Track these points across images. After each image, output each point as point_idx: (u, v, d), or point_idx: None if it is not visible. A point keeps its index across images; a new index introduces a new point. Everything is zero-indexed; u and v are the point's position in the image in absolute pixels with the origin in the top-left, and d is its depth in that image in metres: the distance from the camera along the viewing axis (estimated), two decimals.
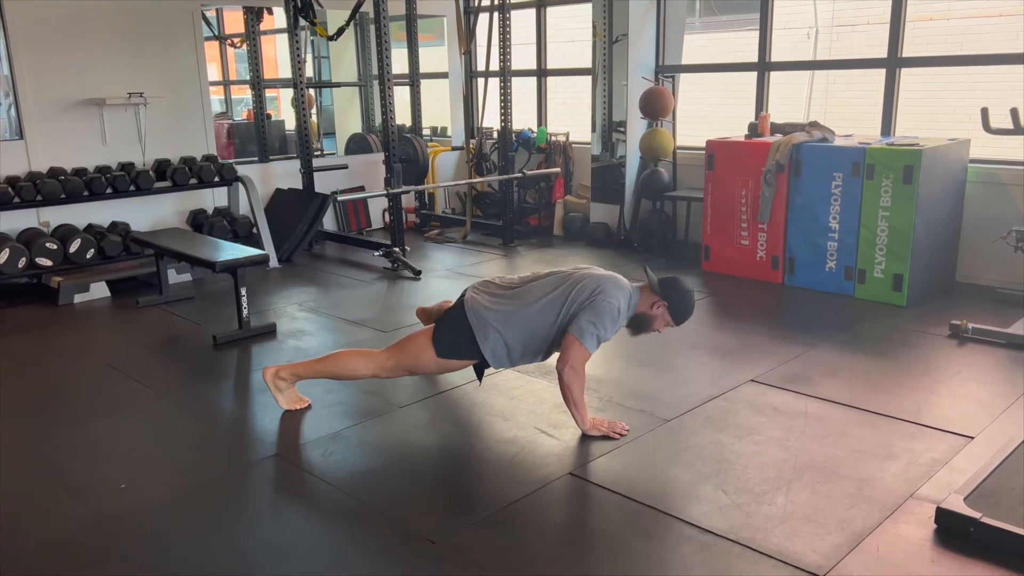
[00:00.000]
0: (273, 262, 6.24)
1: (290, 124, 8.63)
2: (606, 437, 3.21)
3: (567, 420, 3.32)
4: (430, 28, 8.83)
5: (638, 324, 3.29)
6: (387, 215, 7.74)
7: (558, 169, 7.13)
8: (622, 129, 6.73)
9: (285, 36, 7.36)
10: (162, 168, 6.07)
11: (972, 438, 3.15)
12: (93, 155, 5.94)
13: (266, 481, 2.96)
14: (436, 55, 8.48)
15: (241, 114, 10.34)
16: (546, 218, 7.42)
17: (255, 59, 6.95)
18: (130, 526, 2.65)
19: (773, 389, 3.68)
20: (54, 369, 4.17)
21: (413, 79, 7.43)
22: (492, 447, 3.23)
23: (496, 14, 6.55)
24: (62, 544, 2.56)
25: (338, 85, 8.20)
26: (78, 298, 5.36)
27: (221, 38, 7.30)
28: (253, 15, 6.92)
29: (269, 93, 9.82)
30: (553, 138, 7.42)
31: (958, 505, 2.53)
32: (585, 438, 3.23)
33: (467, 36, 7.11)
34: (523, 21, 7.75)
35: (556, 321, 3.20)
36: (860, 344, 4.29)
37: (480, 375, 3.46)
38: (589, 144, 7.12)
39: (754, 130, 5.79)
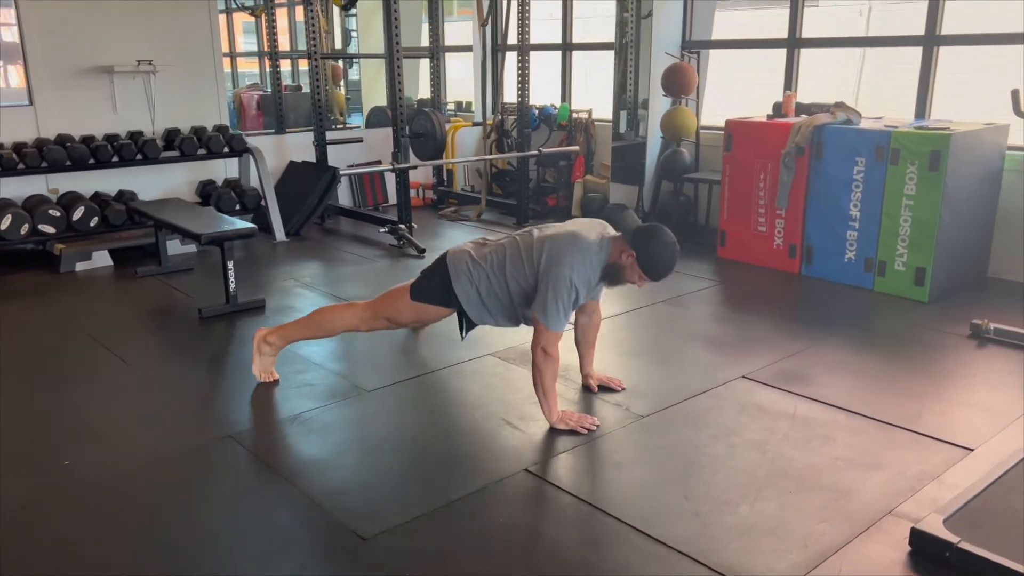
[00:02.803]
0: (280, 235, 6.16)
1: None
2: (573, 432, 3.03)
3: (537, 412, 3.14)
4: (468, 2, 8.63)
5: (610, 275, 3.03)
6: None
7: (577, 147, 6.90)
8: (647, 108, 6.46)
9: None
10: (171, 137, 6.02)
11: (971, 451, 2.89)
12: (103, 123, 5.91)
13: (210, 465, 2.85)
14: (469, 29, 8.28)
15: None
16: (564, 198, 7.20)
17: (271, 30, 6.84)
18: (64, 506, 2.58)
19: (764, 387, 3.45)
20: (35, 337, 4.14)
21: (434, 52, 7.25)
22: (451, 438, 3.08)
23: None
24: None
25: (354, 56, 8.06)
26: (80, 266, 5.36)
27: (243, 8, 7.20)
28: None
29: (302, 66, 9.74)
30: (576, 115, 7.18)
31: (936, 527, 2.30)
32: (552, 432, 3.05)
33: (485, 9, 6.88)
34: None
35: (520, 285, 3.05)
36: (869, 341, 4.02)
37: (462, 327, 3.29)
38: (612, 122, 6.86)
39: (778, 110, 5.49)
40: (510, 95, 7.50)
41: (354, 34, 8.88)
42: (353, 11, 8.64)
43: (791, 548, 2.34)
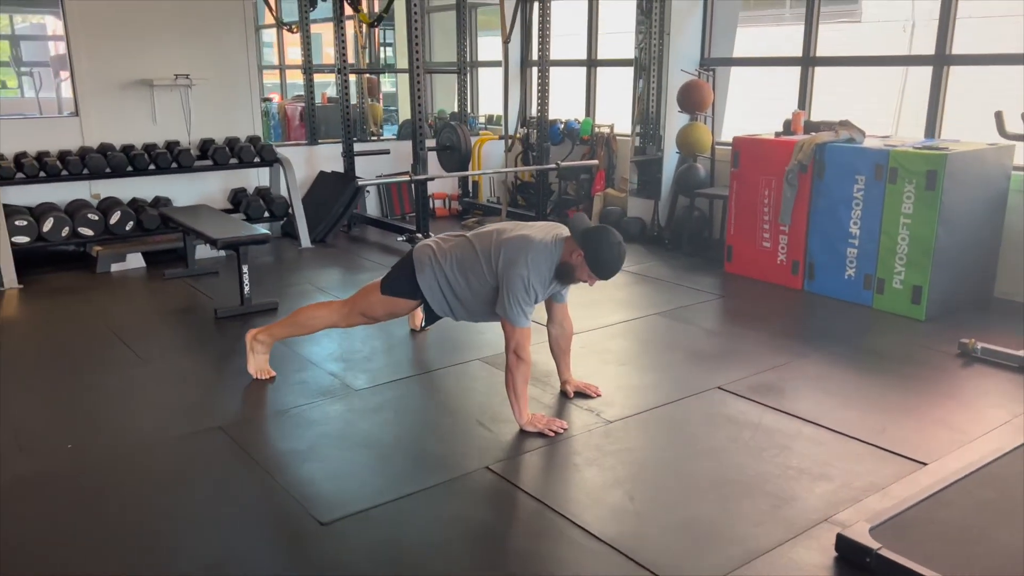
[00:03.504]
0: (305, 242, 6.44)
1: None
2: (541, 434, 3.18)
3: (509, 414, 3.30)
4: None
5: (562, 274, 3.17)
6: (432, 201, 7.87)
7: (596, 161, 7.04)
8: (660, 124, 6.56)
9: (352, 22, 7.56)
10: (206, 147, 6.36)
11: (925, 465, 2.95)
12: (144, 133, 6.28)
13: (197, 452, 3.08)
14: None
15: (321, 97, 10.69)
16: (585, 211, 7.33)
17: (305, 45, 7.15)
18: (59, 483, 2.83)
19: (736, 398, 3.54)
20: (62, 330, 4.46)
21: (461, 67, 7.47)
22: (424, 436, 3.26)
23: (537, 4, 6.50)
24: None
25: (381, 71, 8.34)
26: (114, 267, 5.70)
27: (279, 24, 7.53)
28: (307, 1, 7.12)
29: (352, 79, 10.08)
30: (598, 130, 7.32)
31: (860, 534, 2.39)
32: (521, 433, 3.20)
33: (509, 26, 7.08)
34: (577, 10, 7.67)
35: (479, 283, 3.23)
36: (855, 357, 4.07)
37: (428, 319, 3.49)
38: (631, 136, 6.98)
39: (788, 127, 5.55)
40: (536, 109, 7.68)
41: (391, 48, 9.18)
42: (391, 25, 8.96)
43: (719, 548, 2.45)
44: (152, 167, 6.02)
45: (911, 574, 2.23)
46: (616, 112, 7.74)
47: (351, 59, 8.51)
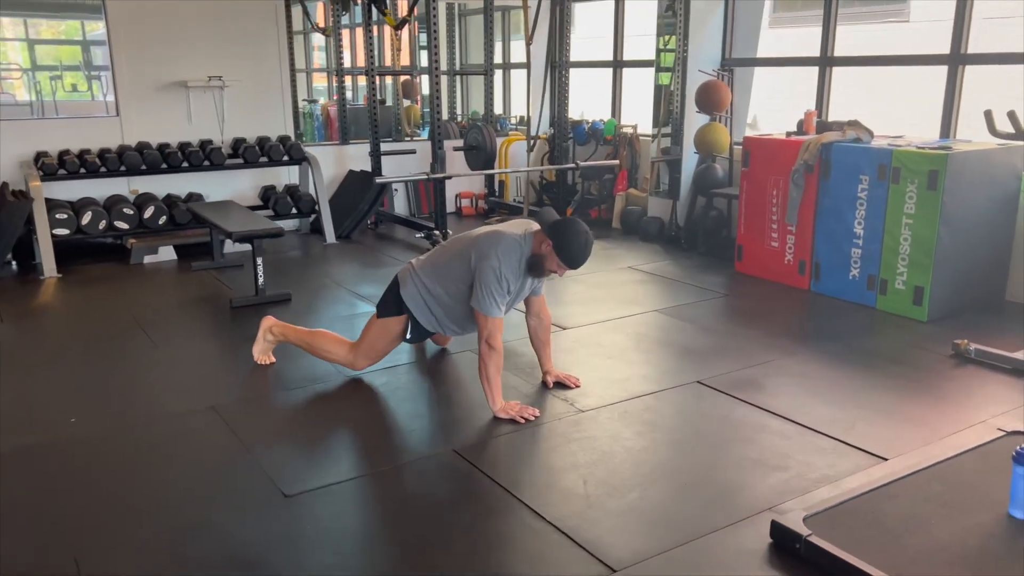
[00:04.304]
0: (330, 238, 6.67)
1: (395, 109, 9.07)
2: (513, 421, 3.29)
3: (485, 401, 3.41)
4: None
5: (532, 265, 3.30)
6: (458, 200, 8.05)
7: (616, 161, 7.10)
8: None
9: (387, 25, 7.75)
10: (238, 146, 6.64)
11: (885, 460, 2.97)
12: (179, 132, 6.60)
13: (187, 429, 3.28)
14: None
15: (363, 99, 10.96)
16: (607, 210, 7.41)
17: (338, 48, 7.40)
18: (58, 453, 3.06)
19: (713, 392, 3.60)
20: (89, 317, 4.76)
21: (487, 69, 7.62)
22: (401, 419, 3.42)
23: (558, 7, 6.61)
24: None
25: (402, 73, 8.50)
26: (147, 259, 6.02)
27: (315, 29, 7.80)
28: (339, 5, 7.37)
29: (389, 81, 10.33)
30: (622, 130, 7.38)
31: (793, 521, 2.44)
32: (494, 420, 3.32)
33: (532, 29, 7.20)
34: (606, 12, 7.75)
35: (457, 287, 3.38)
36: (845, 356, 4.07)
37: (415, 335, 3.63)
38: (653, 136, 7.03)
39: (801, 127, 5.54)
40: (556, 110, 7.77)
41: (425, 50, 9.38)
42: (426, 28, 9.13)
43: (658, 531, 2.53)
44: (185, 164, 6.32)
45: (837, 561, 2.28)
46: (642, 113, 7.79)
47: (388, 62, 8.77)
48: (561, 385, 3.66)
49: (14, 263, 5.86)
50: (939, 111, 5.24)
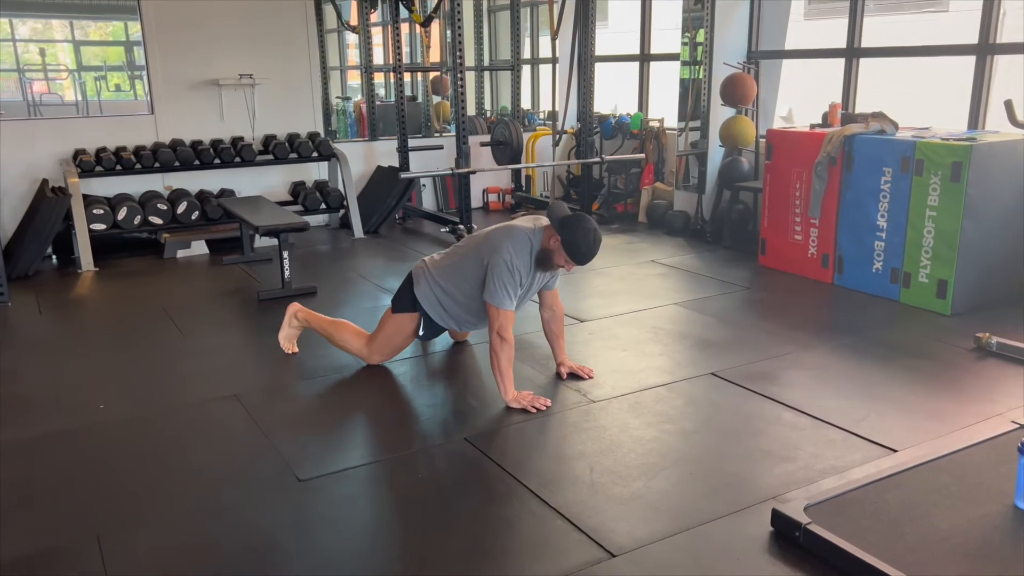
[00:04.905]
0: (358, 232, 6.78)
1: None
2: (525, 411, 3.34)
3: (498, 391, 3.47)
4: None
5: (542, 260, 3.36)
6: (486, 195, 8.12)
7: (642, 155, 7.10)
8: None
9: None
10: (268, 142, 6.78)
11: (895, 451, 2.96)
12: (212, 129, 6.76)
13: (209, 416, 3.39)
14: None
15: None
16: (633, 204, 7.41)
17: (366, 46, 7.50)
18: (87, 438, 3.19)
19: (727, 384, 3.61)
20: (122, 309, 4.92)
21: (514, 65, 7.67)
22: (415, 408, 3.49)
23: (583, 2, 6.63)
24: (31, 445, 3.13)
25: (427, 70, 8.57)
26: (180, 253, 6.18)
27: (346, 27, 7.89)
28: (367, 3, 7.46)
29: (410, 78, 10.42)
30: (649, 124, 7.38)
31: (794, 509, 2.45)
32: (506, 409, 3.38)
33: (556, 23, 7.23)
34: (635, 6, 7.74)
35: (470, 285, 3.45)
36: (864, 349, 4.04)
37: (427, 332, 3.72)
38: (678, 130, 7.01)
39: (825, 120, 5.50)
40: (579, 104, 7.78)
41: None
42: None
43: (660, 518, 2.56)
44: (217, 161, 6.48)
45: (835, 549, 2.30)
46: (669, 107, 7.78)
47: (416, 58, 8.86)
48: (575, 376, 3.70)
49: (54, 257, 6.08)
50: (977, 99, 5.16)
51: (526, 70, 9.06)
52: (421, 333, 3.70)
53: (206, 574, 2.34)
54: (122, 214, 6.02)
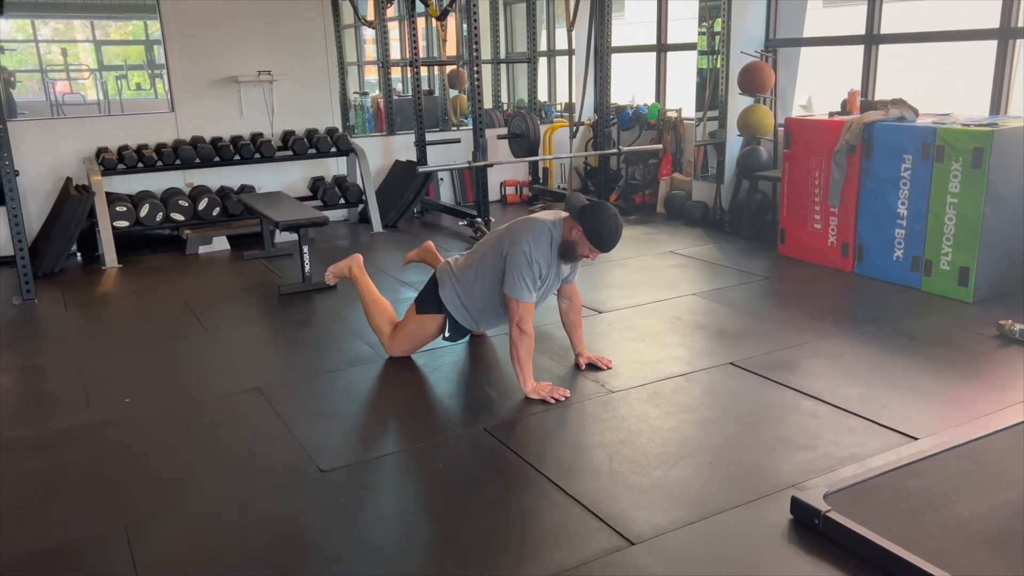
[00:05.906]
0: (377, 227, 6.82)
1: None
2: (544, 401, 3.36)
3: (518, 382, 3.49)
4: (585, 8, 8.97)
5: (565, 251, 3.38)
6: (503, 188, 8.13)
7: (660, 146, 7.08)
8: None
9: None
10: (287, 138, 6.83)
11: (916, 439, 2.95)
12: (231, 126, 6.82)
13: (231, 410, 3.43)
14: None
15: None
16: (651, 195, 7.40)
17: (383, 41, 7.53)
18: (114, 431, 3.25)
19: (746, 373, 3.61)
20: (145, 304, 4.99)
21: (531, 57, 7.67)
22: (436, 399, 3.52)
23: None
24: (59, 439, 3.20)
25: (444, 63, 8.58)
26: (202, 249, 6.25)
27: (363, 23, 7.92)
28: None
29: (436, 71, 10.46)
30: (667, 114, 7.36)
31: (813, 497, 2.46)
32: (525, 400, 3.40)
33: (572, 14, 7.22)
34: None
35: (493, 282, 3.48)
36: (884, 338, 4.02)
37: (453, 334, 3.74)
38: (696, 120, 6.99)
39: (845, 107, 5.46)
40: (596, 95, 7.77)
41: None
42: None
43: (679, 507, 2.57)
44: (237, 157, 6.54)
45: (855, 536, 2.30)
46: (687, 96, 7.75)
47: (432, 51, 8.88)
48: (593, 367, 3.72)
49: (78, 254, 6.17)
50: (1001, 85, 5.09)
51: (542, 62, 9.05)
52: (447, 334, 3.74)
53: (231, 563, 2.38)
54: (144, 211, 6.09)
